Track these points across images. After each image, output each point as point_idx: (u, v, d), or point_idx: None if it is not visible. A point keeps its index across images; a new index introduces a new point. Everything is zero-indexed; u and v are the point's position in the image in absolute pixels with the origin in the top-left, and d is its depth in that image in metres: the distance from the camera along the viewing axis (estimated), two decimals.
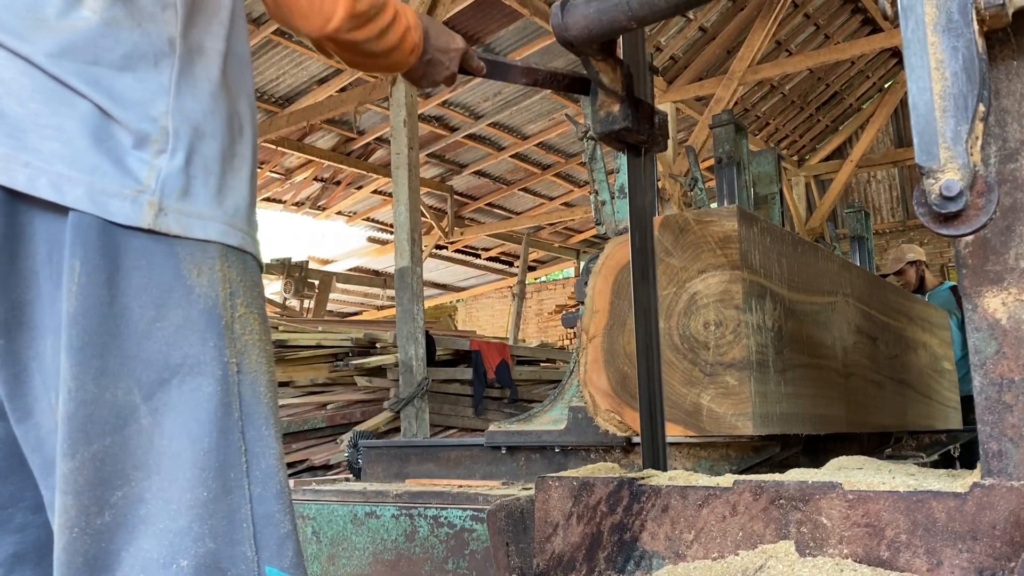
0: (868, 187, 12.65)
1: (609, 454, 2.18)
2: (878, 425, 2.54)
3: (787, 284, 1.99)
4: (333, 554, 2.01)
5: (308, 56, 8.12)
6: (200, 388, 0.88)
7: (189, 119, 0.92)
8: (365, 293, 13.49)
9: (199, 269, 0.90)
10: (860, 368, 2.42)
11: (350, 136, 9.81)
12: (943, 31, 0.94)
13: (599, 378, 1.93)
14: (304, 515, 2.09)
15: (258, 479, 0.90)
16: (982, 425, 1.04)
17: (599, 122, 1.55)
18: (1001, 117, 1.06)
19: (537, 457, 2.32)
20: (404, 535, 1.91)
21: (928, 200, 0.92)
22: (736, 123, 3.20)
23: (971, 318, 1.06)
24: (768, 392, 1.79)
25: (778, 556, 1.11)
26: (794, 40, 9.65)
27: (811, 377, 2.05)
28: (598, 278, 1.96)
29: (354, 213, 12.00)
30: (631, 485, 1.26)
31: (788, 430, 1.87)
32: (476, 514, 1.81)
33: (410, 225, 5.81)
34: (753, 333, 1.76)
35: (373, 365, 6.08)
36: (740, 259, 1.77)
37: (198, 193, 0.92)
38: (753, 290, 1.81)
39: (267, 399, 0.94)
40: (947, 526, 1.02)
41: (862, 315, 2.53)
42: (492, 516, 1.38)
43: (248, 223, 1.00)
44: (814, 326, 2.14)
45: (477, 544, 1.79)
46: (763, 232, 1.91)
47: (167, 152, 0.89)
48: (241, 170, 0.99)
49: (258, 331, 0.95)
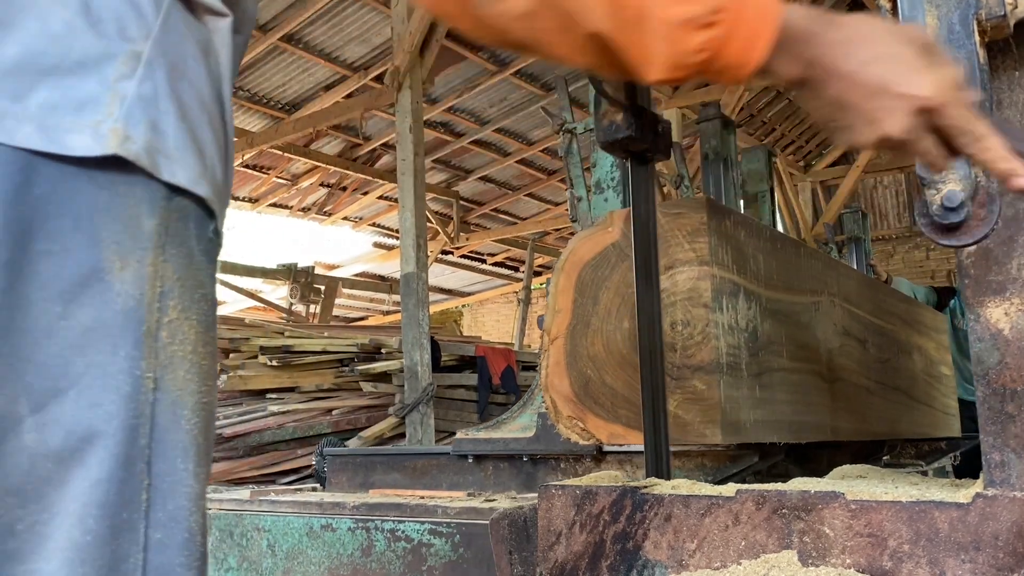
0: (875, 193, 12.63)
1: (580, 463, 2.10)
2: (867, 433, 2.43)
3: (764, 282, 1.87)
4: (288, 568, 1.94)
5: (314, 62, 8.15)
6: (100, 405, 0.72)
7: (168, 54, 0.78)
8: (371, 298, 13.51)
9: (124, 261, 0.73)
10: (847, 372, 2.30)
11: (356, 142, 9.83)
12: (944, 42, 0.95)
13: (561, 382, 1.80)
14: (260, 527, 2.03)
15: (160, 522, 0.74)
16: (985, 435, 1.04)
17: (602, 131, 1.55)
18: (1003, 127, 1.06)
19: (505, 466, 2.23)
20: (360, 549, 1.84)
21: (930, 211, 0.93)
22: (724, 118, 3.07)
23: (974, 328, 1.06)
24: (740, 398, 1.69)
25: (781, 566, 1.10)
26: None
27: (791, 382, 1.94)
28: (560, 276, 1.84)
29: (360, 219, 12.02)
30: (634, 494, 1.26)
31: (763, 438, 1.76)
32: (435, 528, 1.74)
33: (416, 230, 5.82)
34: (724, 334, 1.66)
35: (378, 371, 6.09)
36: (709, 254, 1.66)
37: (168, 132, 0.76)
38: (724, 287, 1.70)
39: (191, 425, 0.78)
40: (950, 536, 1.02)
41: (849, 316, 2.41)
42: (495, 524, 1.38)
43: (220, 203, 0.83)
44: (795, 327, 2.02)
45: (435, 560, 1.72)
46: (737, 226, 1.80)
47: (134, 78, 0.74)
48: (220, 145, 0.84)
49: (192, 341, 0.79)
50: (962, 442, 3.50)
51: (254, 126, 9.06)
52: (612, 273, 1.76)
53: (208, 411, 0.81)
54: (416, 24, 5.90)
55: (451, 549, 1.72)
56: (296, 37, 7.91)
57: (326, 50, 8.14)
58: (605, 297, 1.76)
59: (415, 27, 5.90)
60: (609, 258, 1.77)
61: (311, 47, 8.04)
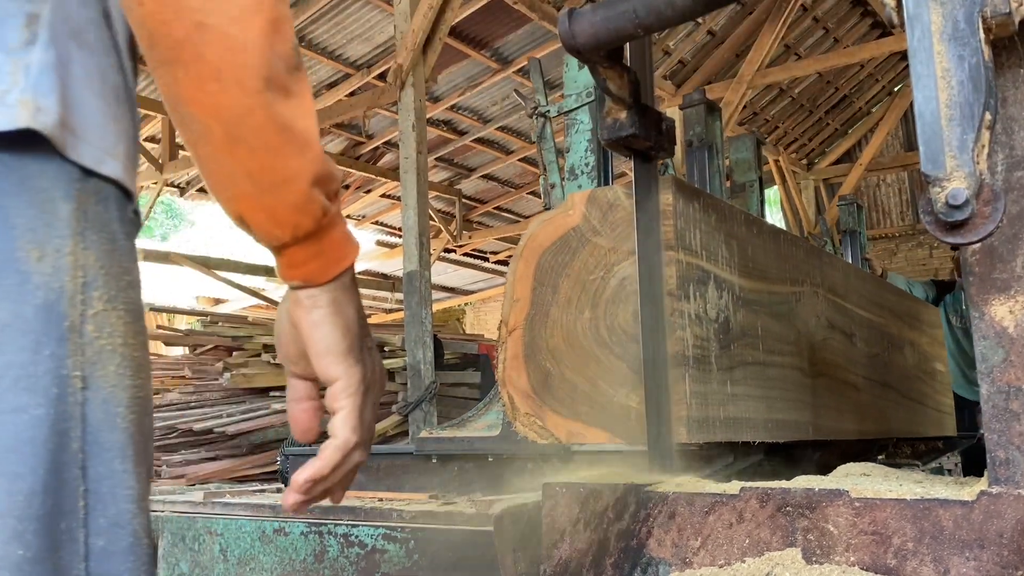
0: (877, 191, 12.61)
1: (547, 463, 2.00)
2: (853, 432, 2.28)
3: (738, 270, 1.75)
4: (240, 575, 1.88)
5: (317, 60, 8.16)
6: (24, 410, 0.65)
7: (69, 20, 0.70)
8: (373, 297, 13.51)
9: (41, 251, 0.67)
10: (831, 368, 2.16)
11: (359, 140, 9.84)
12: (949, 40, 0.94)
13: (519, 377, 1.67)
14: (212, 531, 1.96)
15: (102, 529, 0.69)
16: (989, 433, 1.04)
17: (606, 129, 1.55)
18: (1008, 125, 1.06)
19: (471, 467, 2.12)
20: (313, 555, 1.77)
21: (934, 208, 0.93)
22: (708, 103, 2.87)
23: (978, 326, 1.06)
24: (709, 393, 1.57)
25: (785, 563, 1.11)
26: (803, 44, 9.63)
27: (768, 377, 1.81)
28: (519, 262, 1.70)
29: (363, 217, 12.03)
30: (638, 492, 1.26)
31: (735, 437, 1.64)
32: (389, 533, 1.67)
33: (418, 229, 5.82)
34: (691, 324, 1.54)
35: None
36: (675, 238, 1.54)
37: (77, 105, 0.69)
38: (691, 274, 1.58)
39: (127, 423, 0.72)
40: (954, 534, 1.02)
41: (835, 308, 2.26)
42: (498, 522, 1.39)
43: (134, 181, 0.77)
44: (773, 319, 1.87)
45: (389, 566, 1.65)
46: (707, 209, 1.67)
47: (36, 43, 0.67)
48: (128, 120, 0.77)
49: (122, 332, 0.72)
50: (960, 441, 3.39)
51: None
52: (573, 260, 1.66)
53: (144, 405, 0.75)
54: (419, 22, 5.89)
55: (405, 555, 1.65)
56: (299, 35, 7.91)
57: (328, 48, 8.14)
58: (565, 285, 1.66)
59: (418, 25, 5.89)
60: (570, 243, 1.66)
61: (313, 45, 8.04)
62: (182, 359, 6.48)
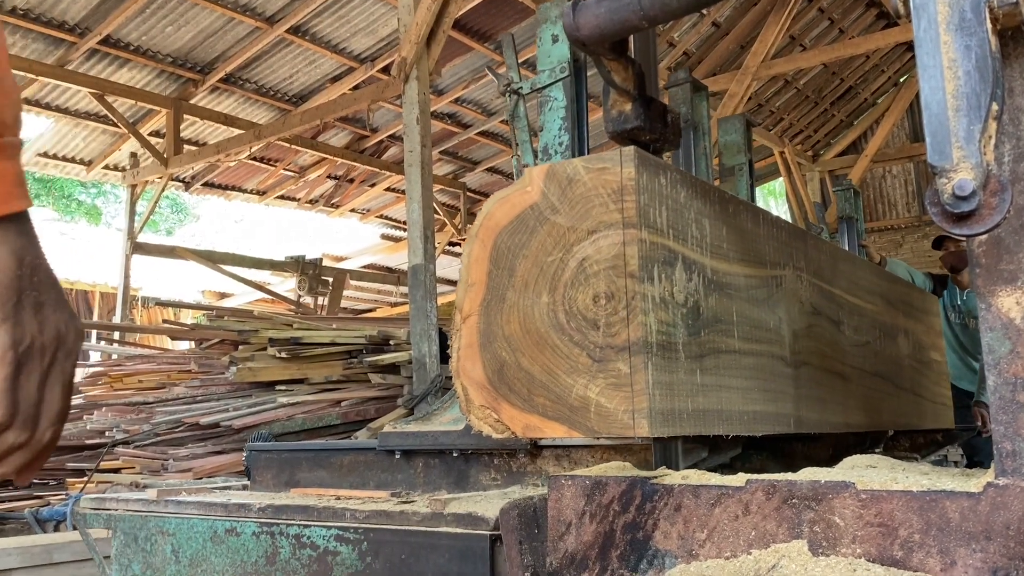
0: (883, 182, 12.57)
1: (514, 459, 1.94)
2: (840, 424, 2.15)
3: (710, 251, 1.63)
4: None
5: (321, 54, 8.15)
6: None
7: None
8: (378, 290, 13.53)
9: None
10: (816, 357, 2.02)
11: (363, 134, 9.84)
12: (956, 30, 0.94)
13: (473, 367, 1.56)
14: (164, 531, 1.90)
15: None
16: (996, 424, 1.04)
17: (611, 121, 1.55)
18: (1015, 116, 1.05)
19: (436, 463, 2.06)
20: (265, 557, 1.70)
21: (941, 199, 0.92)
22: (695, 82, 2.71)
23: (985, 317, 1.06)
24: (676, 383, 1.46)
25: (791, 555, 1.11)
26: (808, 35, 9.60)
27: (743, 366, 1.70)
28: (474, 243, 1.59)
29: (367, 210, 12.04)
30: (644, 484, 1.26)
31: (707, 431, 1.54)
32: (341, 534, 1.60)
33: (423, 222, 5.82)
34: (655, 309, 1.42)
35: (387, 362, 6.11)
36: (638, 215, 1.43)
37: None
38: (656, 255, 1.46)
39: None
40: (961, 526, 1.02)
41: (820, 294, 2.11)
42: (505, 515, 1.39)
43: None
44: (750, 304, 1.76)
45: (342, 570, 1.58)
46: (675, 185, 1.54)
47: None
48: None
49: None
50: (962, 433, 3.29)
51: (261, 118, 9.07)
52: (531, 239, 1.54)
53: None
54: (422, 15, 5.88)
55: (358, 558, 1.60)
56: (303, 29, 7.90)
57: (333, 42, 8.13)
58: (522, 267, 1.54)
59: (421, 18, 5.88)
60: (527, 222, 1.55)
61: (318, 39, 8.03)
62: (188, 353, 6.51)
